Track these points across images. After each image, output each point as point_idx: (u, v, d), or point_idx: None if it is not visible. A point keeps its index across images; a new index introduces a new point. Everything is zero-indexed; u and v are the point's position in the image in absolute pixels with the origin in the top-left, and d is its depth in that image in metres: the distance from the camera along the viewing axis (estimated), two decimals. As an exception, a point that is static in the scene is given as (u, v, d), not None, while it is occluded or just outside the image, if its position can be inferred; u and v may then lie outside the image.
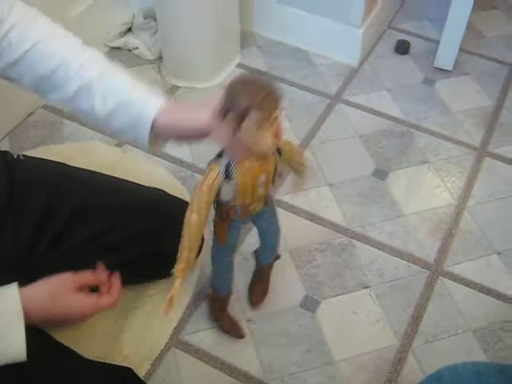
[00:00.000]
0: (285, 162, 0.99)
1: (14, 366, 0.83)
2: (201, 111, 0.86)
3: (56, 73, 0.88)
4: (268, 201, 1.03)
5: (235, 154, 0.87)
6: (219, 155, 0.90)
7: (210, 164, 0.91)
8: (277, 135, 0.84)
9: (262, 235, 1.17)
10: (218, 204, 0.97)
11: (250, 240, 1.40)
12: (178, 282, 0.94)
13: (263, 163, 0.91)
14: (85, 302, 0.91)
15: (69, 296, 0.89)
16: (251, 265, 1.31)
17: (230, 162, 0.89)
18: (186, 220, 0.92)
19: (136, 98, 0.90)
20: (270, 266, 1.28)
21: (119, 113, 0.89)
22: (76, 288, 0.91)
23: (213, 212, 0.98)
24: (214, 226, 1.03)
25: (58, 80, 0.89)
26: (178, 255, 0.94)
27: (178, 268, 0.94)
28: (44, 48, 0.88)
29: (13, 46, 0.87)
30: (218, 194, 0.93)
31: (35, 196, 1.08)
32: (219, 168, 0.90)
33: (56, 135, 1.66)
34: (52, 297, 0.87)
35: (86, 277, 0.94)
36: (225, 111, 0.80)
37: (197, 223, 0.91)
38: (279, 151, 0.95)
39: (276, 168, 0.96)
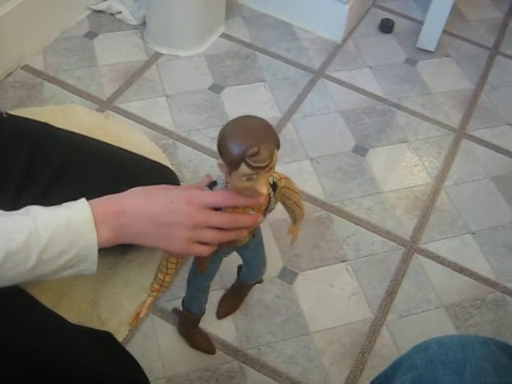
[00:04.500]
0: (279, 197, 0.91)
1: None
2: None
3: None
4: (255, 233, 0.97)
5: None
6: (211, 185, 0.85)
7: None
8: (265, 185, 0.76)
9: (246, 265, 1.12)
10: None
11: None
12: (149, 300, 0.95)
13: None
14: (180, 190, 0.84)
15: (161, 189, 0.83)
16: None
17: None
18: None
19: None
20: (250, 286, 1.25)
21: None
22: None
23: None
24: None
25: None
26: (155, 276, 0.94)
27: (152, 287, 0.95)
28: None
29: None
30: None
31: (19, 150, 1.09)
32: None
33: (36, 97, 1.63)
34: (144, 192, 0.83)
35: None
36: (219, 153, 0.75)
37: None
38: (274, 186, 0.87)
39: (269, 202, 0.87)
